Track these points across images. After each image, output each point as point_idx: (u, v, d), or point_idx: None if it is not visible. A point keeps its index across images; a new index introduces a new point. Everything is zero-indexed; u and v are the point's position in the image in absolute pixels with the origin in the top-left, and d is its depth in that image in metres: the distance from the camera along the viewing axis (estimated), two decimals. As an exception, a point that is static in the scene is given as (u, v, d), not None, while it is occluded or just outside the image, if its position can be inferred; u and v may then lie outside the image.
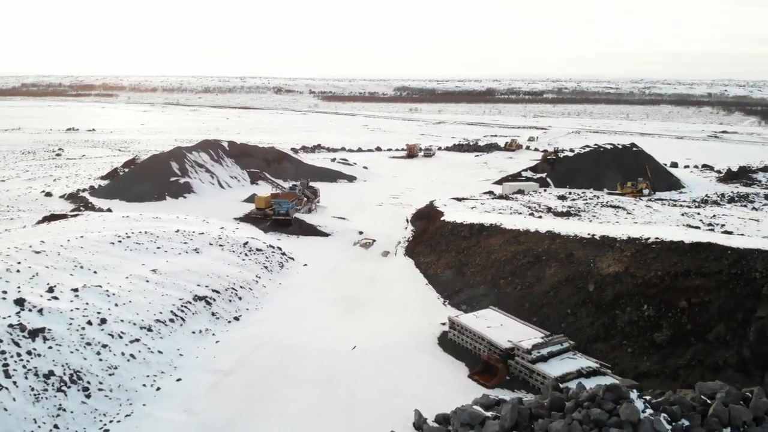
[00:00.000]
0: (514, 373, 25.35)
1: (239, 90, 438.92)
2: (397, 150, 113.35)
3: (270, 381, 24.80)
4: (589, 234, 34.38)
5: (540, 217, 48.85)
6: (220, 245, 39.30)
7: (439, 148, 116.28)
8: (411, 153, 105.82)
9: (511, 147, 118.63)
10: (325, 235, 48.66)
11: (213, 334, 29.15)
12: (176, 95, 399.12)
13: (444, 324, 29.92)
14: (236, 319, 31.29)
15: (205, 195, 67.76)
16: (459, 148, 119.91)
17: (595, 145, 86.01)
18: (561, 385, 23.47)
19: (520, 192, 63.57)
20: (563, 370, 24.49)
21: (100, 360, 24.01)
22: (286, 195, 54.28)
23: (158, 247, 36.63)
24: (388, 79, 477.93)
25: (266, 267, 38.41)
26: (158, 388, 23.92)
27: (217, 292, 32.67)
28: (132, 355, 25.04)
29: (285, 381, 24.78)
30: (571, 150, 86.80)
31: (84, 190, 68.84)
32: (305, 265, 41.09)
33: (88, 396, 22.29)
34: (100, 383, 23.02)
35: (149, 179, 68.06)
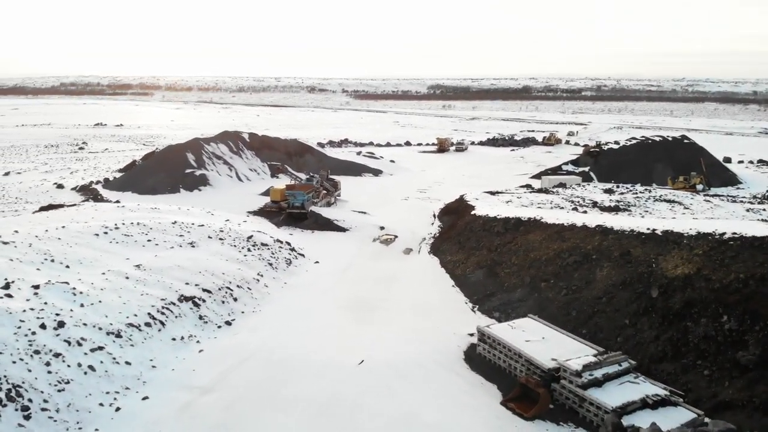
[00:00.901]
0: (559, 400, 20.12)
1: (273, 89, 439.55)
2: (427, 145, 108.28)
3: (255, 402, 20.12)
4: (648, 229, 28.80)
5: (585, 212, 43.16)
6: (221, 239, 34.92)
7: (473, 143, 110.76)
8: (442, 147, 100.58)
9: (550, 141, 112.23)
10: (343, 230, 43.95)
11: (197, 342, 24.64)
12: (210, 94, 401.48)
13: (472, 335, 24.82)
14: (228, 323, 26.74)
15: (221, 188, 64.01)
16: (494, 142, 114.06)
17: (643, 137, 79.48)
18: (624, 423, 18.26)
19: (562, 185, 57.76)
20: (623, 398, 19.19)
21: (49, 372, 19.65)
22: (302, 186, 49.86)
23: (149, 240, 32.44)
24: (421, 78, 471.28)
25: (271, 264, 33.85)
26: (118, 409, 19.46)
27: (209, 291, 28.18)
28: (91, 367, 20.63)
29: (273, 403, 20.06)
30: (616, 143, 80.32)
31: (97, 183, 66.03)
32: (316, 262, 36.42)
33: (27, 417, 17.94)
34: (45, 401, 18.65)
35: (163, 171, 64.63)
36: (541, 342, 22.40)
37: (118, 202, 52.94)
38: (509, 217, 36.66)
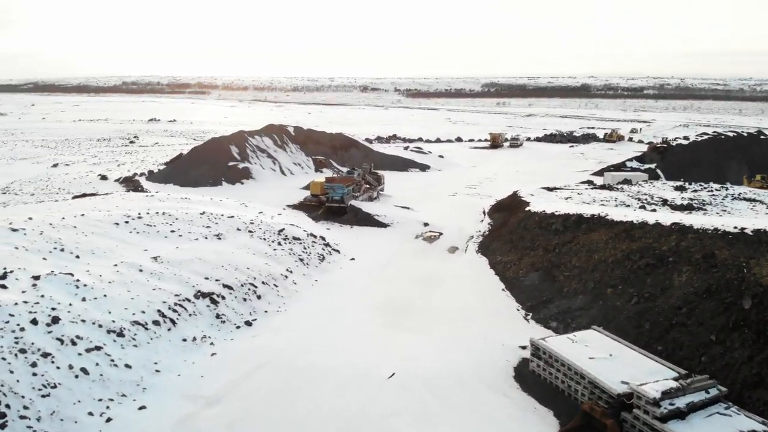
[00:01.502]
0: (632, 434, 16.33)
1: (326, 89, 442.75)
2: (479, 141, 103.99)
3: (265, 417, 17.22)
4: (735, 227, 24.47)
5: (654, 210, 38.58)
6: (250, 231, 32.34)
7: (528, 139, 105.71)
8: (495, 143, 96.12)
9: (612, 138, 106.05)
10: (384, 225, 40.82)
11: (211, 344, 21.97)
12: (265, 93, 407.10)
13: (524, 348, 21.21)
14: (248, 324, 23.99)
15: (264, 181, 62.12)
16: (551, 138, 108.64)
17: (715, 132, 73.20)
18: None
19: (627, 182, 52.92)
20: (714, 435, 15.27)
21: (34, 375, 17.27)
22: (342, 179, 47.00)
23: (172, 231, 30.14)
24: (475, 77, 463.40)
25: (302, 259, 31.02)
26: (109, 419, 16.91)
27: (230, 288, 25.53)
28: (84, 370, 18.16)
29: (286, 419, 17.10)
30: (686, 138, 74.28)
31: (141, 174, 65.33)
32: (352, 259, 33.40)
33: (2, 425, 15.58)
34: (26, 407, 16.25)
35: (206, 163, 63.18)
36: (608, 360, 18.62)
37: (157, 193, 51.64)
38: (569, 214, 32.69)
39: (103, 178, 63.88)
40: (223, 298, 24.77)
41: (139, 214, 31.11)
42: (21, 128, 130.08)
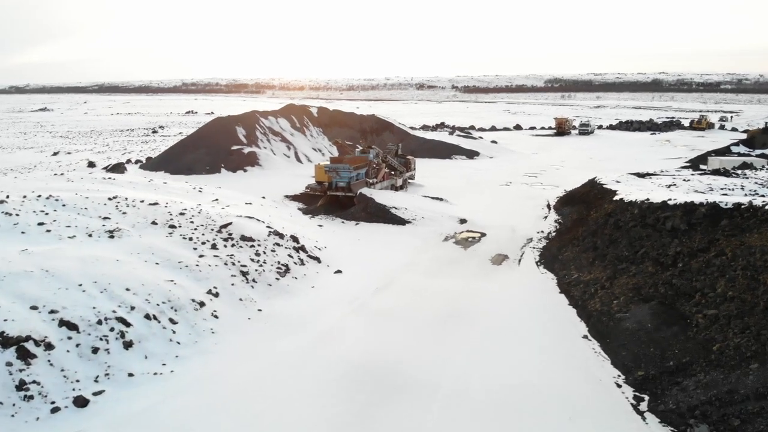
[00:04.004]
0: None
1: (382, 87, 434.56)
2: (542, 128, 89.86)
3: None
4: None
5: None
6: (172, 227, 20.69)
7: (600, 127, 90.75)
8: (561, 129, 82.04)
9: (701, 125, 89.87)
10: (402, 222, 28.51)
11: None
12: (319, 92, 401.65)
13: None
14: (79, 403, 12.22)
15: (273, 168, 50.96)
16: (627, 126, 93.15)
17: None
18: None
19: (748, 166, 38.61)
20: None
21: None
22: (352, 160, 34.92)
23: (41, 224, 18.88)
24: (538, 74, 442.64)
25: (245, 273, 19.01)
26: None
27: (73, 328, 13.86)
28: None
29: None
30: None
31: (136, 162, 55.90)
32: (338, 272, 21.23)
33: None
34: None
35: (204, 147, 52.51)
36: None
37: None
38: (695, 203, 19.49)
39: (91, 164, 54.48)
40: (49, 348, 13.10)
41: (8, 196, 20.06)
42: (54, 121, 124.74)
